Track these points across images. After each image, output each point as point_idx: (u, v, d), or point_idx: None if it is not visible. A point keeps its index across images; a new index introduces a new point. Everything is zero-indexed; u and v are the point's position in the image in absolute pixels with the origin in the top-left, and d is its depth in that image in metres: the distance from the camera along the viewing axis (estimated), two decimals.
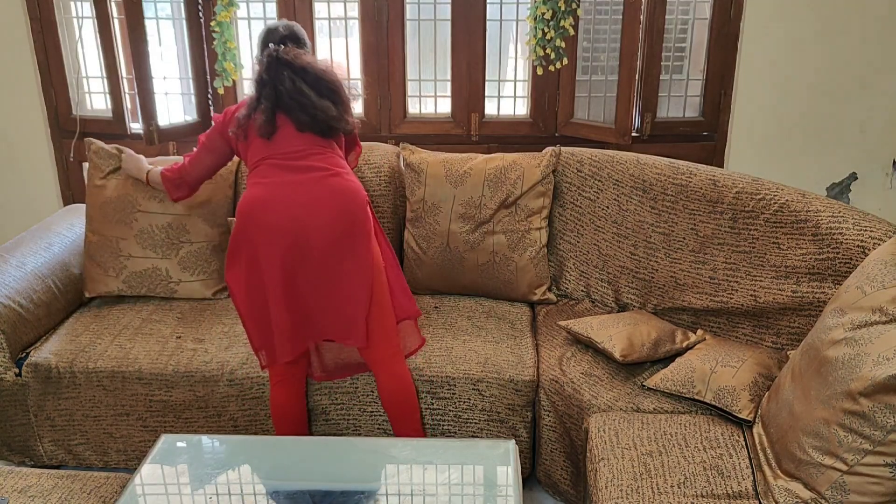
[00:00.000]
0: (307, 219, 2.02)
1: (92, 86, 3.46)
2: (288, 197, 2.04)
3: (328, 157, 2.13)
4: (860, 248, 1.95)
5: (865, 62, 3.23)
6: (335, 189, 2.07)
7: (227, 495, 1.73)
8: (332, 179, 2.08)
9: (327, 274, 2.05)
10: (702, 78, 3.32)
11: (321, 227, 2.02)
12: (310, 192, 2.04)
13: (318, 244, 2.02)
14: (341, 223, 2.04)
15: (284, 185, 2.05)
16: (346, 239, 2.05)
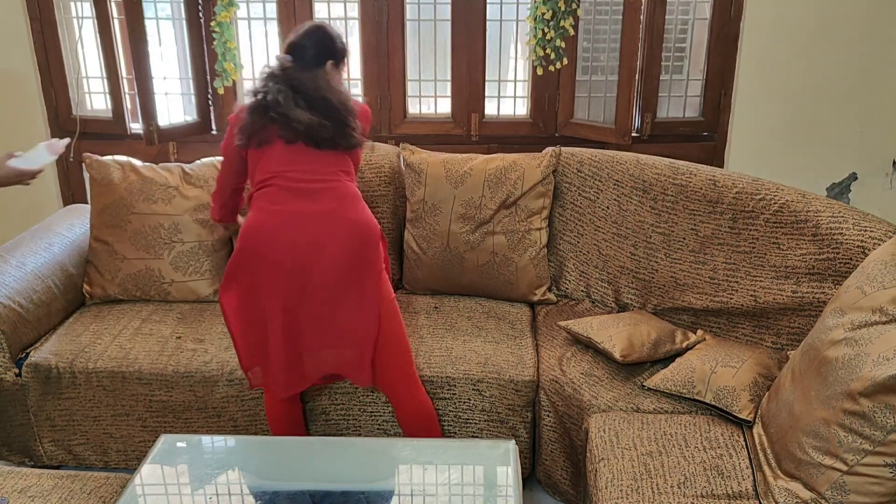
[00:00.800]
0: (314, 257, 1.91)
1: (92, 86, 3.46)
2: (295, 232, 1.92)
3: (341, 182, 2.00)
4: (860, 249, 1.95)
5: (865, 62, 3.22)
6: (347, 225, 1.95)
7: (227, 495, 1.73)
8: (344, 214, 1.96)
9: (332, 313, 1.95)
10: (702, 78, 3.32)
11: (328, 266, 1.92)
12: (319, 229, 1.93)
13: (323, 283, 1.92)
14: (350, 262, 1.93)
15: (292, 216, 1.93)
16: (353, 277, 1.94)
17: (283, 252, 1.91)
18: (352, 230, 1.95)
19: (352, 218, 1.96)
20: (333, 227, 1.93)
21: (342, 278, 1.93)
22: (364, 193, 2.68)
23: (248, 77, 3.40)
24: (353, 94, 3.39)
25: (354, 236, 1.94)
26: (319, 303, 1.94)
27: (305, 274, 1.91)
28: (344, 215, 1.95)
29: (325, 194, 1.97)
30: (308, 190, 1.96)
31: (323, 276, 1.92)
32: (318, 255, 1.91)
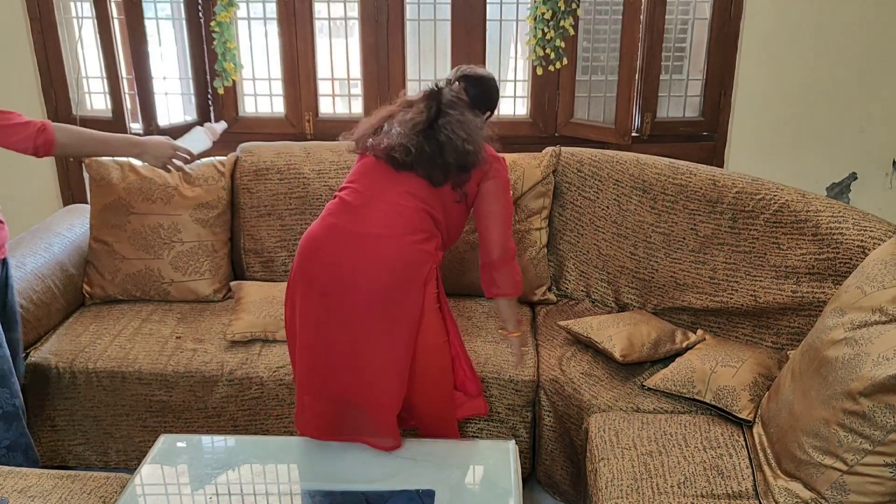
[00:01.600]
0: (348, 281, 1.79)
1: (92, 86, 3.46)
2: (336, 253, 1.81)
3: (404, 211, 1.84)
4: (860, 248, 1.95)
5: (865, 62, 3.23)
6: (384, 261, 1.79)
7: (227, 495, 1.73)
8: (385, 244, 1.80)
9: (360, 352, 1.82)
10: (702, 78, 3.32)
11: (359, 300, 1.79)
12: (357, 255, 1.80)
13: (354, 317, 1.80)
14: (381, 298, 1.79)
15: (339, 235, 1.83)
16: (383, 318, 1.80)
17: (324, 269, 1.82)
18: (387, 264, 1.79)
19: (390, 252, 1.80)
20: (371, 256, 1.80)
21: (371, 314, 1.80)
22: None
23: (248, 77, 3.40)
24: (353, 94, 3.40)
25: (389, 271, 1.79)
26: (349, 334, 1.81)
27: (338, 297, 1.80)
28: (384, 245, 1.81)
29: (378, 218, 1.84)
30: (363, 212, 1.85)
31: (354, 307, 1.79)
32: (353, 282, 1.79)
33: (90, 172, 2.63)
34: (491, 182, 1.96)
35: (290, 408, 2.26)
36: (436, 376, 1.92)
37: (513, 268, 2.02)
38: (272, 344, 2.35)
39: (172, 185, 2.62)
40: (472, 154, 1.88)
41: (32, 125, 1.81)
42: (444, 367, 1.93)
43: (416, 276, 1.81)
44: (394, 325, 1.80)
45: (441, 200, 1.90)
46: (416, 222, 1.84)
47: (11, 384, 1.96)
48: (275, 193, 2.70)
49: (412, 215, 1.85)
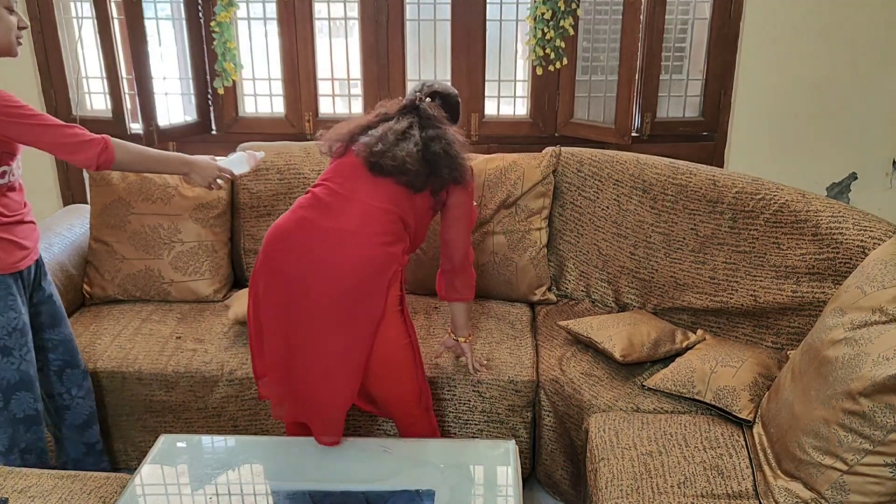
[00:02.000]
0: (313, 273, 1.80)
1: (92, 86, 3.46)
2: (305, 245, 1.83)
3: (376, 213, 1.86)
4: (860, 248, 1.95)
5: (865, 62, 3.23)
6: (350, 258, 1.81)
7: (227, 495, 1.73)
8: (353, 242, 1.83)
9: (318, 345, 1.83)
10: (702, 78, 3.33)
11: (322, 294, 1.80)
12: (325, 249, 1.82)
13: (315, 311, 1.81)
14: (342, 295, 1.80)
15: (310, 228, 1.85)
16: (342, 316, 1.81)
17: (290, 263, 1.83)
18: (352, 264, 1.81)
19: (356, 253, 1.82)
20: (337, 255, 1.82)
21: (332, 313, 1.81)
22: None
23: (248, 77, 3.40)
24: (353, 94, 3.40)
25: (352, 273, 1.81)
26: (309, 330, 1.83)
27: (302, 293, 1.81)
28: (352, 244, 1.83)
29: (349, 216, 1.86)
30: (335, 209, 1.87)
31: (316, 304, 1.81)
32: (317, 279, 1.81)
33: (90, 173, 2.63)
34: (460, 189, 2.00)
35: None
36: (397, 375, 1.93)
37: (471, 273, 2.09)
38: None
39: (172, 186, 2.62)
40: (465, 168, 1.98)
41: (96, 143, 1.85)
42: (406, 365, 1.93)
43: (381, 278, 1.83)
44: (352, 323, 1.82)
45: (413, 206, 1.93)
46: (386, 225, 1.87)
47: (35, 388, 1.98)
48: (275, 193, 2.70)
49: (383, 218, 1.87)
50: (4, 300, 1.88)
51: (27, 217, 1.97)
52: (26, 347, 1.95)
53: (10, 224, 1.90)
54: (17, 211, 1.92)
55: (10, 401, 1.94)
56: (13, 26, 1.82)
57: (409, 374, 1.95)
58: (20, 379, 1.94)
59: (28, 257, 1.96)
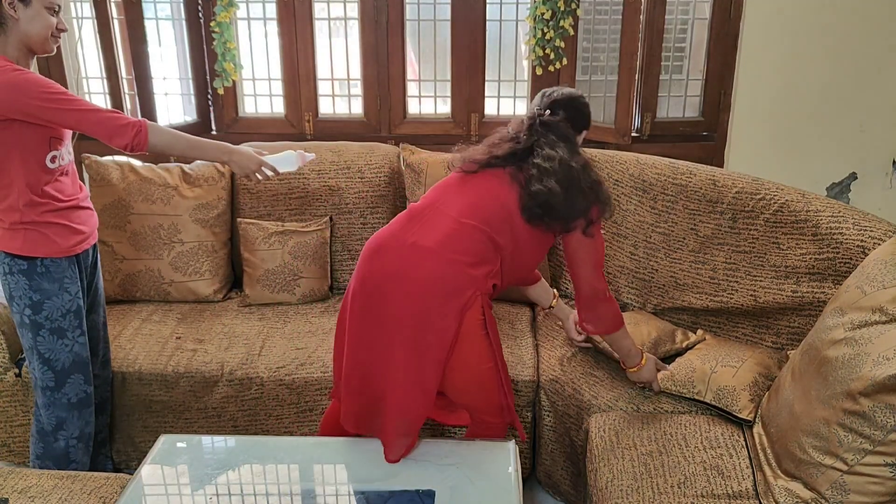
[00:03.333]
0: (387, 290, 1.76)
1: (92, 86, 3.46)
2: (387, 257, 1.79)
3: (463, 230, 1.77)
4: (860, 248, 1.94)
5: (865, 62, 3.22)
6: (424, 275, 1.74)
7: (227, 496, 1.73)
8: (430, 258, 1.75)
9: (389, 359, 1.78)
10: (701, 78, 3.33)
11: (395, 308, 1.75)
12: (403, 263, 1.76)
13: (387, 324, 1.77)
14: (410, 317, 1.74)
15: (395, 241, 1.80)
16: (411, 335, 1.75)
17: (372, 273, 1.80)
18: (422, 283, 1.74)
19: (430, 270, 1.74)
20: (412, 269, 1.75)
21: (402, 328, 1.75)
22: (364, 194, 2.70)
23: (248, 77, 3.40)
24: (353, 94, 3.40)
25: (422, 292, 1.74)
26: (384, 343, 1.78)
27: (378, 307, 1.77)
28: (428, 262, 1.75)
29: (432, 234, 1.78)
30: (424, 222, 1.81)
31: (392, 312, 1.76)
32: (390, 294, 1.76)
33: (90, 173, 2.63)
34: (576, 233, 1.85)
35: (290, 408, 2.26)
36: (478, 393, 1.86)
37: (604, 308, 1.94)
38: (273, 340, 2.35)
39: (172, 186, 2.62)
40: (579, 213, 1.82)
41: (132, 126, 1.89)
42: (489, 388, 1.84)
43: (454, 301, 1.73)
44: (422, 344, 1.74)
45: (512, 228, 1.81)
46: (470, 244, 1.78)
47: (87, 371, 2.03)
48: (275, 194, 2.70)
49: (469, 236, 1.78)
50: (60, 282, 1.93)
51: (83, 202, 2.02)
52: (80, 330, 2.00)
53: (66, 209, 1.95)
54: (72, 196, 1.97)
55: (65, 384, 1.98)
56: (51, 25, 1.91)
57: (493, 394, 1.86)
58: (73, 361, 1.99)
59: (85, 241, 2.01)
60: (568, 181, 1.79)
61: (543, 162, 1.79)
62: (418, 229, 1.80)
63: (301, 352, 2.31)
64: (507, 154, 1.85)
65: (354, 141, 2.85)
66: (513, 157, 1.84)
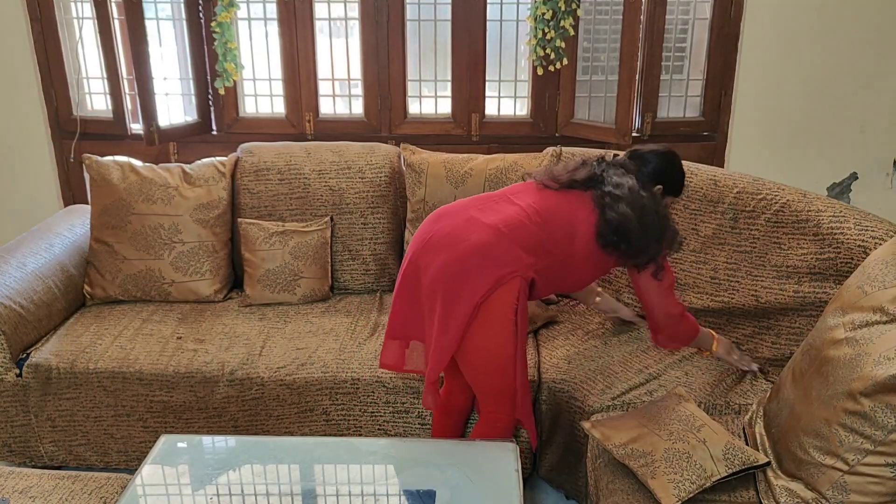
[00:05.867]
0: (436, 245, 1.86)
1: (92, 86, 3.46)
2: (446, 218, 1.90)
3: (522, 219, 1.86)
4: (861, 248, 1.94)
5: (865, 62, 3.22)
6: (473, 238, 1.83)
7: (228, 496, 1.73)
8: (483, 228, 1.84)
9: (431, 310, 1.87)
10: (702, 78, 3.32)
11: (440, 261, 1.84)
12: (457, 227, 1.86)
13: (434, 277, 1.85)
14: (450, 273, 1.82)
15: (457, 211, 1.92)
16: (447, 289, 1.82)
17: (423, 232, 1.92)
18: (469, 244, 1.82)
19: (483, 236, 1.83)
20: (466, 231, 1.84)
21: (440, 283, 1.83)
22: (364, 194, 2.70)
23: (249, 77, 3.40)
24: (354, 94, 3.40)
25: (467, 249, 1.82)
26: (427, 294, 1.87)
27: (421, 263, 1.88)
28: (479, 228, 1.84)
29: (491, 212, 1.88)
30: (487, 204, 1.92)
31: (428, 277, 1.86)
32: (433, 254, 1.85)
33: (90, 173, 2.64)
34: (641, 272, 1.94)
35: (291, 408, 2.26)
36: (493, 376, 1.89)
37: (683, 327, 2.02)
38: (274, 340, 2.35)
39: (173, 186, 2.62)
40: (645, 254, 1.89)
41: None
42: (504, 375, 1.87)
43: (493, 269, 1.80)
44: (453, 298, 1.81)
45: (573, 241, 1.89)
46: (525, 232, 1.85)
47: None
48: (275, 194, 2.70)
49: (527, 228, 1.86)
50: None
51: None
52: None
53: None
54: None
55: None
56: None
57: (504, 382, 1.88)
58: None
59: None
60: (639, 207, 1.86)
61: (614, 189, 1.87)
62: (483, 208, 1.91)
63: (302, 352, 2.31)
64: (585, 178, 1.92)
65: (355, 141, 2.85)
66: (590, 181, 1.92)
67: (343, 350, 2.32)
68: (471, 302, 1.79)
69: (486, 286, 1.79)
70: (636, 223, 1.84)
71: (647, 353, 2.24)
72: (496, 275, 1.80)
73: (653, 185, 1.94)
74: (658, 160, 1.99)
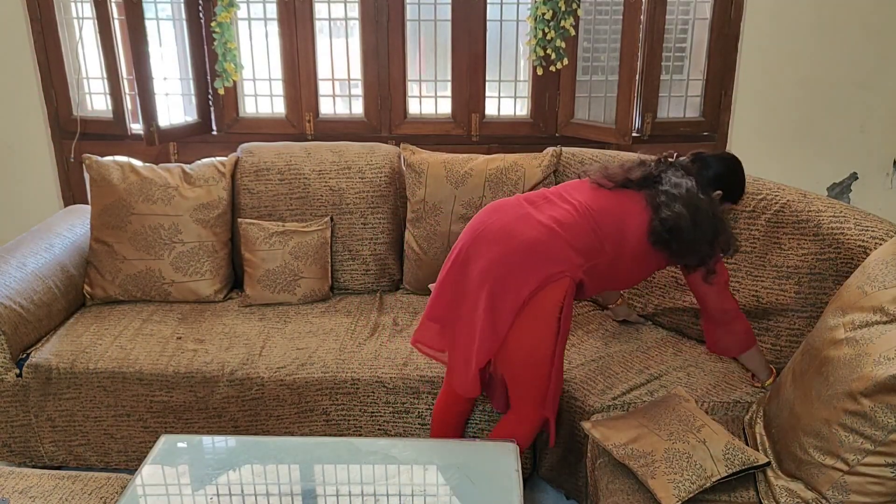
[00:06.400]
0: (487, 237, 1.87)
1: (92, 86, 3.46)
2: (500, 212, 1.91)
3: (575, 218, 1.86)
4: (861, 248, 1.94)
5: (865, 62, 3.23)
6: (525, 232, 1.84)
7: (228, 496, 1.73)
8: (535, 224, 1.84)
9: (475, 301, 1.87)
10: (702, 78, 3.33)
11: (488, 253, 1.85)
12: (510, 221, 1.87)
13: (481, 267, 1.86)
14: (501, 261, 1.83)
15: (512, 205, 1.93)
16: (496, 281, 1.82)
17: (474, 224, 1.93)
18: (519, 238, 1.83)
19: (534, 232, 1.83)
20: (519, 226, 1.85)
21: (484, 280, 1.84)
22: (364, 194, 2.70)
23: (249, 77, 3.40)
24: (354, 94, 3.40)
25: (517, 244, 1.83)
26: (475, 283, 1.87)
27: (471, 252, 1.89)
28: (532, 224, 1.85)
29: (544, 206, 1.90)
30: (537, 202, 1.92)
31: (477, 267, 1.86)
32: (483, 245, 1.86)
33: (90, 173, 2.63)
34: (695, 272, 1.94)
35: (291, 408, 2.26)
36: (523, 374, 1.91)
37: (734, 327, 2.00)
38: (274, 340, 2.35)
39: (173, 186, 2.62)
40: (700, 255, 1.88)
41: None
42: (540, 372, 1.88)
43: (543, 267, 1.81)
44: (500, 292, 1.82)
45: (624, 237, 1.89)
46: (578, 232, 1.85)
47: None
48: (275, 194, 2.70)
49: (581, 227, 1.86)
50: None
51: None
52: None
53: None
54: None
55: None
56: None
57: (539, 380, 1.89)
58: None
59: None
60: (694, 208, 1.84)
61: (672, 188, 1.87)
62: (538, 205, 1.91)
63: (302, 352, 2.31)
64: (640, 178, 1.92)
65: (355, 141, 2.85)
66: (645, 181, 1.91)
67: (343, 350, 2.32)
68: (519, 297, 1.80)
69: (536, 283, 1.80)
70: (689, 222, 1.83)
71: (647, 353, 2.24)
72: (546, 272, 1.81)
73: (712, 189, 1.93)
74: (720, 165, 1.99)
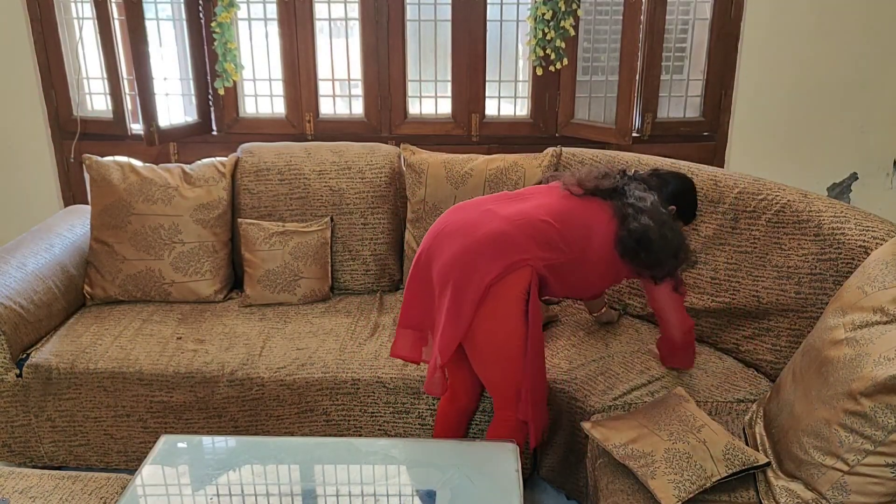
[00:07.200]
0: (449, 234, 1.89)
1: (92, 87, 3.46)
2: (462, 211, 1.95)
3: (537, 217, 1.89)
4: (862, 249, 1.94)
5: (865, 62, 3.23)
6: (487, 226, 1.86)
7: (228, 496, 1.73)
8: (498, 219, 1.87)
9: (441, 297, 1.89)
10: (702, 78, 3.33)
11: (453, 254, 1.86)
12: (473, 218, 1.90)
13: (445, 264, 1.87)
14: (465, 260, 1.84)
15: (477, 205, 1.96)
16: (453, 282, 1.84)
17: (438, 223, 1.95)
18: (482, 232, 1.85)
19: (497, 226, 1.86)
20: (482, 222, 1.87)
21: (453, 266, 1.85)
22: (364, 194, 2.70)
23: (249, 77, 3.40)
24: (354, 94, 3.40)
25: (480, 237, 1.84)
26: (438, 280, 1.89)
27: (434, 253, 1.91)
28: (495, 219, 1.87)
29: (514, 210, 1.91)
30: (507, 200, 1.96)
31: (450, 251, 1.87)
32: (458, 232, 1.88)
33: (90, 173, 2.63)
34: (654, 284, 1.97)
35: (291, 408, 2.26)
36: (493, 368, 1.92)
37: (692, 347, 2.10)
38: (274, 340, 2.35)
39: (173, 186, 2.62)
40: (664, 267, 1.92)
41: None
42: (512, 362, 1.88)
43: (505, 255, 1.82)
44: (464, 284, 1.83)
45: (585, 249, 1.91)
46: (540, 227, 1.88)
47: None
48: (275, 194, 2.70)
49: (543, 225, 1.88)
50: None
51: None
52: None
53: None
54: None
55: None
56: None
57: (510, 375, 1.89)
58: None
59: None
60: (661, 222, 1.89)
61: (637, 202, 1.91)
62: (501, 203, 1.95)
63: (302, 352, 2.31)
64: (609, 188, 1.96)
65: (355, 141, 2.85)
66: (614, 191, 1.95)
67: (343, 350, 2.32)
68: (480, 285, 1.81)
69: (497, 270, 1.81)
70: (657, 234, 1.87)
71: (648, 353, 2.24)
72: (509, 260, 1.82)
73: (668, 205, 1.98)
74: (678, 182, 2.06)
